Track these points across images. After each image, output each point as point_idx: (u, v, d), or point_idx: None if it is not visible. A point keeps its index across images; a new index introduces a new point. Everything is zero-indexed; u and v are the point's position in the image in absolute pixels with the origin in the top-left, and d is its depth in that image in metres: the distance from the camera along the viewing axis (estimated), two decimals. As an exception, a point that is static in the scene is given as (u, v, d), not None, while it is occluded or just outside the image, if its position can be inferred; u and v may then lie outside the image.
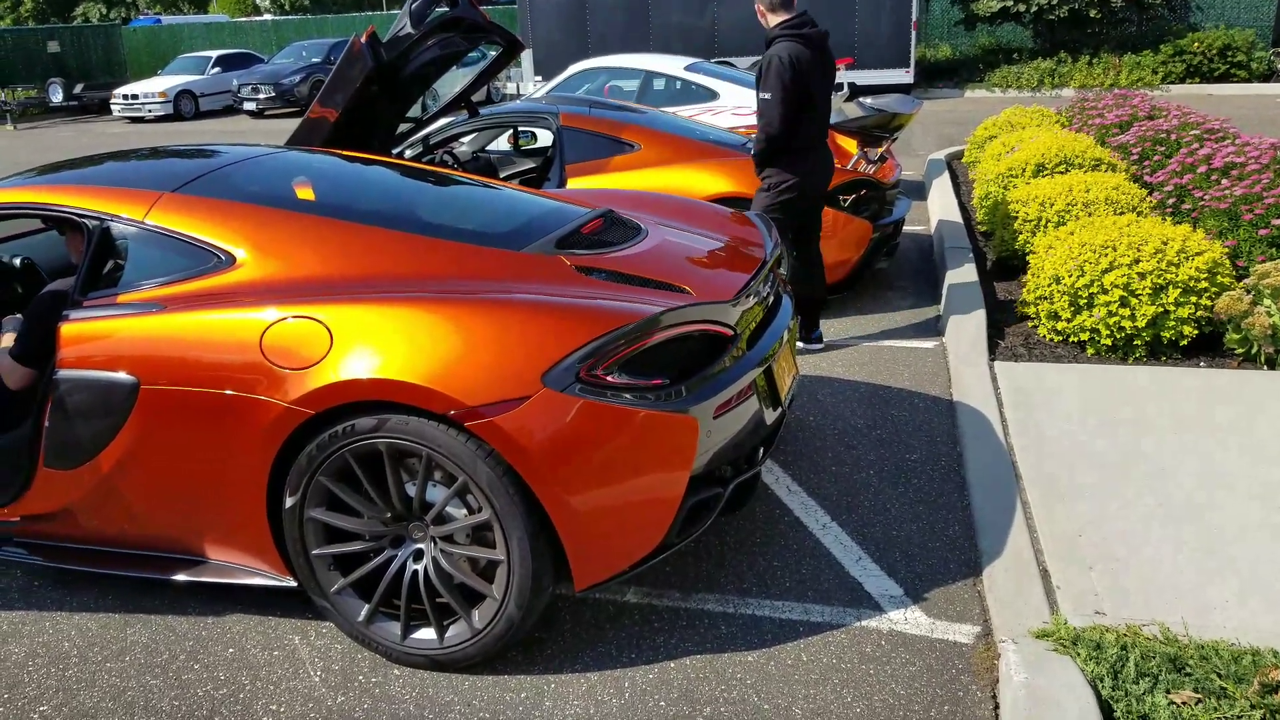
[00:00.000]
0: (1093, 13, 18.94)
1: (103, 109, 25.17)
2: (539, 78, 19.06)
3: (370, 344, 2.69)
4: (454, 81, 6.01)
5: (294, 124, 8.82)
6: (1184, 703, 2.47)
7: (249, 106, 22.70)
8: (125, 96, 23.43)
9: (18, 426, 3.48)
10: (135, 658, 3.07)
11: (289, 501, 2.87)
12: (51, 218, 3.45)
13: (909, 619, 3.07)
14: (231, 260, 3.04)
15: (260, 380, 2.78)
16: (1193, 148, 6.79)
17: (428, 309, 2.75)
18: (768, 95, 4.86)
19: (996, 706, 2.66)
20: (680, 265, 3.33)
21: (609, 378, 2.69)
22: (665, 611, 3.17)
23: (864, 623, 3.06)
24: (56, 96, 25.91)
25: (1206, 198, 5.97)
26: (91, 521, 3.22)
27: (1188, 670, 2.59)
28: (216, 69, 24.56)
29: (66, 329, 3.07)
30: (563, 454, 2.63)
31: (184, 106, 23.40)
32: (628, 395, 2.70)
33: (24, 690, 2.95)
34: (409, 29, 5.21)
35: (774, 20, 4.96)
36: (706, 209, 4.14)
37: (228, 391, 2.82)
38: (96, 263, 3.17)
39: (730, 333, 3.01)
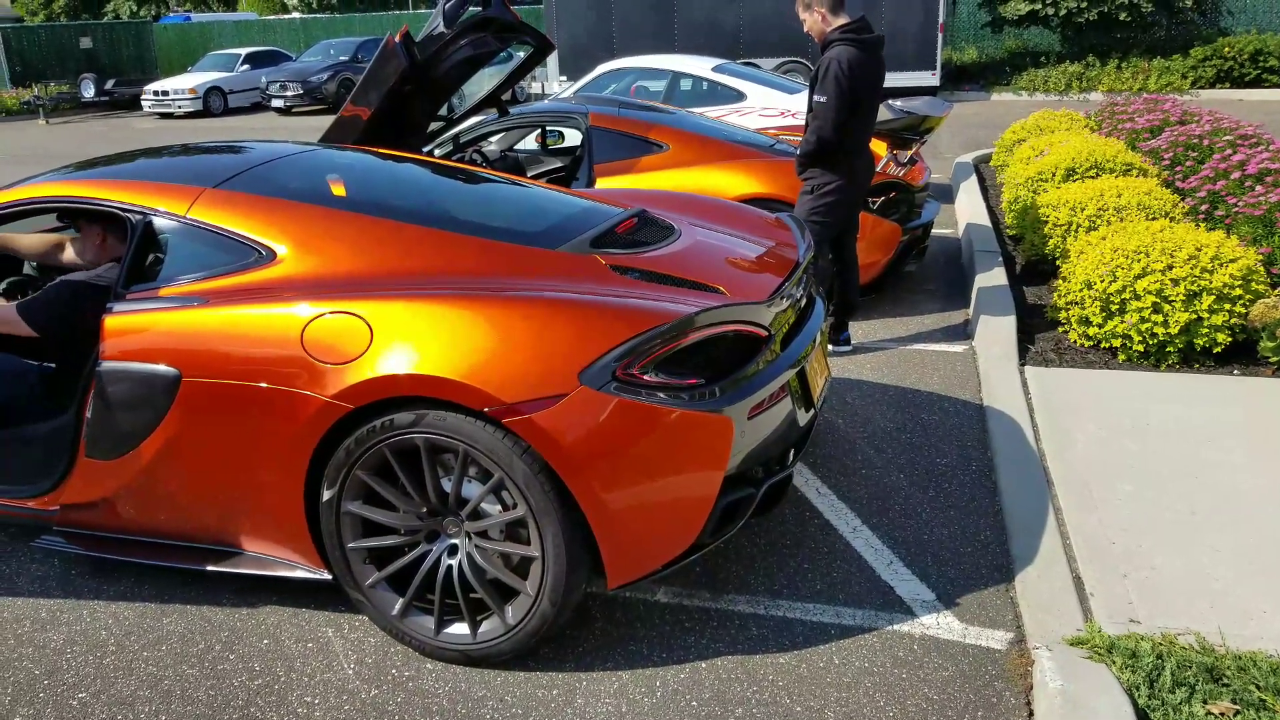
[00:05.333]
0: (1122, 16, 18.83)
1: (133, 104, 25.38)
2: (564, 77, 19.11)
3: (410, 340, 2.71)
4: (481, 81, 6.04)
5: (321, 121, 8.87)
6: (1222, 714, 2.46)
7: (277, 104, 22.88)
8: (156, 92, 23.65)
9: (57, 416, 3.53)
10: (171, 647, 3.11)
11: (326, 495, 2.89)
12: (87, 212, 3.49)
13: (941, 624, 3.06)
14: (272, 255, 3.07)
15: (301, 374, 2.81)
16: (1226, 154, 6.73)
17: (466, 306, 2.76)
18: (823, 98, 4.85)
19: (1030, 714, 2.66)
20: (714, 266, 3.34)
21: (645, 377, 2.70)
22: (696, 612, 3.17)
23: (896, 627, 3.06)
24: (88, 92, 26.16)
25: (1240, 204, 5.92)
26: (129, 511, 3.26)
27: (1225, 681, 2.57)
28: (245, 66, 24.77)
29: (110, 321, 3.11)
30: (598, 452, 2.64)
31: (213, 103, 23.61)
32: (663, 394, 2.70)
33: (63, 677, 2.99)
34: (442, 28, 5.24)
35: (834, 23, 4.93)
36: (739, 210, 4.14)
37: (268, 385, 2.85)
38: (139, 256, 3.21)
39: (764, 334, 3.02)
